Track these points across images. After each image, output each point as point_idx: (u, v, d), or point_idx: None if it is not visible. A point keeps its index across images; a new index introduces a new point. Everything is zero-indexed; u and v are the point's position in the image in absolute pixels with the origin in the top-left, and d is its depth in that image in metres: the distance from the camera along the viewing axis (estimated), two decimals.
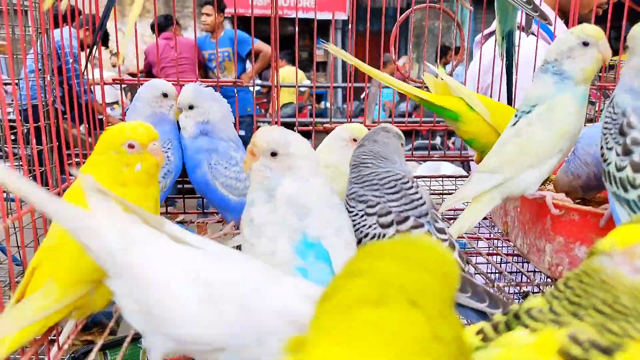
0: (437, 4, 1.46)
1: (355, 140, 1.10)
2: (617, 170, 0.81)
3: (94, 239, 0.61)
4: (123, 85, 1.44)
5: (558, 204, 0.97)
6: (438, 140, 4.70)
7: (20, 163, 1.31)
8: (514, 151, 0.96)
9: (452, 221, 1.08)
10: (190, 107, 1.17)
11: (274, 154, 0.84)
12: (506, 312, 0.58)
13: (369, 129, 1.04)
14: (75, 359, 1.08)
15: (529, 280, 1.05)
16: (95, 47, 1.20)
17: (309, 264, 0.75)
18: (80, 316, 0.84)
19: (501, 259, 1.21)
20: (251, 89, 1.85)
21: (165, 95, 1.21)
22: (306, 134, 1.81)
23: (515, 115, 1.01)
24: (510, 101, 1.40)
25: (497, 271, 1.18)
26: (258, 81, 5.41)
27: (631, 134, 0.80)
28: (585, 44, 0.92)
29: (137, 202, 0.89)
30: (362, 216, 0.86)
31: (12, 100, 1.59)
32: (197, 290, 0.59)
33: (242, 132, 1.62)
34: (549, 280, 1.04)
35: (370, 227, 0.85)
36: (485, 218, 1.30)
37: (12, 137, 1.97)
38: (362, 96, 6.04)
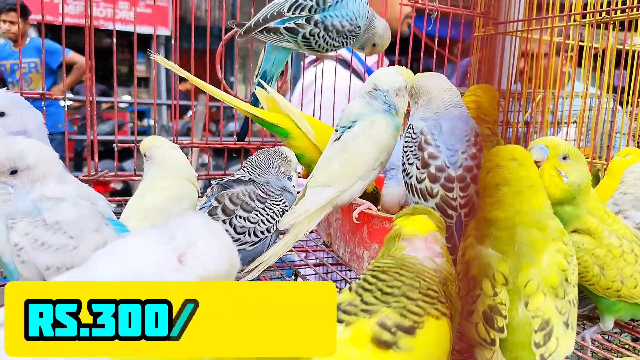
0: None
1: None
2: (417, 182, 0.93)
3: None
4: None
5: (360, 213, 1.10)
6: None
7: None
8: (343, 165, 1.05)
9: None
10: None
11: (14, 172, 0.78)
12: None
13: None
14: None
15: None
16: None
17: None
18: None
19: (327, 269, 1.29)
20: (62, 103, 1.68)
21: None
22: (128, 152, 1.70)
23: (336, 130, 1.09)
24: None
25: (323, 281, 1.25)
26: (70, 95, 4.92)
27: (428, 149, 0.93)
28: (405, 87, 1.06)
29: None
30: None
31: None
32: None
33: None
34: None
35: None
36: (312, 232, 1.37)
37: None
38: (188, 114, 5.89)
